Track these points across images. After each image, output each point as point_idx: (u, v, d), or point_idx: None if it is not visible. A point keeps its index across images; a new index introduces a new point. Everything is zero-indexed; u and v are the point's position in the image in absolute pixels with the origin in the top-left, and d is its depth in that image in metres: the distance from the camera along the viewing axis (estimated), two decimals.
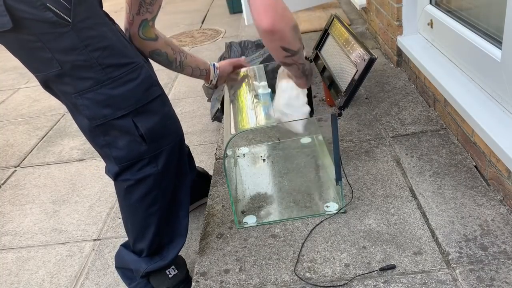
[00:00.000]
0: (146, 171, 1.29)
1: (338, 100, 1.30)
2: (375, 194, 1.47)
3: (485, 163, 1.45)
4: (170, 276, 1.44)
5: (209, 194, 1.62)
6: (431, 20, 1.93)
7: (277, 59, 1.26)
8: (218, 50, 3.78)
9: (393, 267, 1.19)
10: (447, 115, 1.71)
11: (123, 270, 1.50)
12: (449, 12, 1.82)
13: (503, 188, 1.35)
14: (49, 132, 2.84)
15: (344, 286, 1.17)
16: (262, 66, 1.63)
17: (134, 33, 1.32)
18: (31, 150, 2.65)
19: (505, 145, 1.27)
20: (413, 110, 1.89)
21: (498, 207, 1.33)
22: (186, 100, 2.98)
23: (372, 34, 2.73)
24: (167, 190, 1.36)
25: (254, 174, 1.66)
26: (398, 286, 1.14)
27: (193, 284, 1.26)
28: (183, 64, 1.46)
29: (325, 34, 1.61)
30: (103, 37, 1.13)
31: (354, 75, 1.26)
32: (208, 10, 5.11)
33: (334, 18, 1.57)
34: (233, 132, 1.27)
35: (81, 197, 2.16)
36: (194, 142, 2.44)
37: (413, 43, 2.05)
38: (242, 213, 1.47)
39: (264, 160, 1.74)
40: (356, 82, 1.24)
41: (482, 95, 1.52)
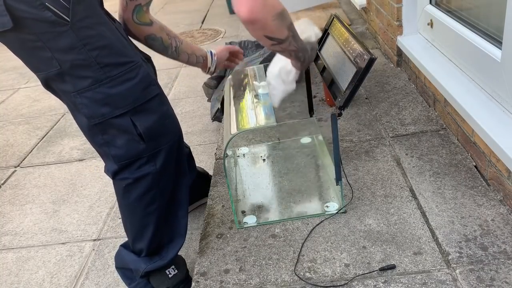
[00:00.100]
0: (144, 170, 1.29)
1: (338, 100, 1.30)
2: (375, 194, 1.47)
3: (485, 163, 1.45)
4: (170, 276, 1.44)
5: (209, 194, 1.62)
6: (431, 20, 1.93)
7: (265, 46, 1.25)
8: None
9: (393, 267, 1.19)
10: (447, 115, 1.71)
11: (123, 270, 1.50)
12: (449, 12, 1.82)
13: (503, 188, 1.35)
14: (49, 132, 2.84)
15: (344, 286, 1.17)
16: (262, 66, 1.63)
17: (128, 18, 1.32)
18: (31, 150, 2.65)
19: (505, 145, 1.27)
20: (413, 110, 1.89)
21: (498, 207, 1.33)
22: (186, 100, 2.98)
23: (372, 34, 2.73)
24: (166, 189, 1.36)
25: (254, 174, 1.66)
26: (398, 286, 1.14)
27: (193, 284, 1.26)
28: (179, 50, 1.45)
29: (325, 34, 1.61)
30: (102, 36, 1.14)
31: (354, 75, 1.26)
32: (208, 10, 5.11)
33: (334, 18, 1.57)
34: (233, 132, 1.27)
35: (81, 197, 2.16)
36: (194, 142, 2.44)
37: (413, 43, 2.05)
38: (242, 213, 1.47)
39: (264, 160, 1.74)
40: (356, 82, 1.24)
41: (482, 95, 1.52)
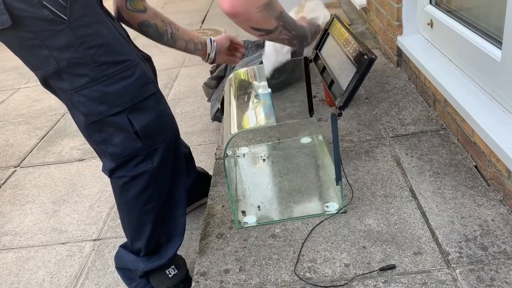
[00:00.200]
0: (141, 168, 1.29)
1: (338, 100, 1.30)
2: (375, 194, 1.47)
3: (485, 163, 1.45)
4: (170, 276, 1.44)
5: (209, 194, 1.62)
6: (431, 20, 1.93)
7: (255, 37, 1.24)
8: None
9: (393, 267, 1.19)
10: (447, 115, 1.71)
11: (123, 270, 1.51)
12: (449, 12, 1.82)
13: (503, 188, 1.35)
14: (49, 132, 2.84)
15: (344, 286, 1.17)
16: (262, 66, 1.63)
17: (121, 5, 1.32)
18: (31, 150, 2.65)
19: (505, 145, 1.27)
20: (413, 110, 1.89)
21: (498, 207, 1.33)
22: (186, 100, 2.98)
23: (372, 34, 2.73)
24: (163, 188, 1.36)
25: (254, 174, 1.66)
26: (398, 286, 1.14)
27: (193, 284, 1.26)
28: (175, 36, 1.41)
29: (325, 34, 1.61)
30: (99, 35, 1.14)
31: (354, 75, 1.26)
32: (208, 10, 5.11)
33: (334, 18, 1.57)
34: (233, 132, 1.27)
35: (81, 197, 2.16)
36: (194, 142, 2.44)
37: (413, 43, 2.05)
38: (242, 213, 1.47)
39: (264, 160, 1.74)
40: (356, 82, 1.24)
41: (482, 95, 1.52)
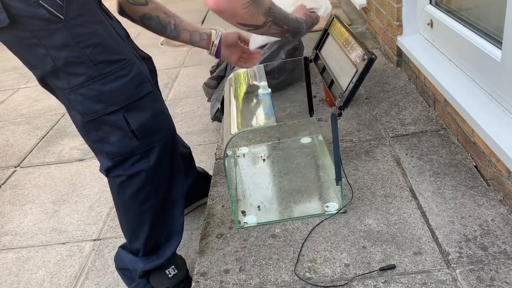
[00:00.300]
0: (138, 167, 1.29)
1: (338, 100, 1.30)
2: (375, 194, 1.47)
3: (485, 163, 1.45)
4: (170, 276, 1.44)
5: (209, 194, 1.62)
6: (431, 20, 1.93)
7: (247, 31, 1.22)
8: None
9: (393, 267, 1.19)
10: (447, 115, 1.71)
11: (123, 271, 1.51)
12: (449, 12, 1.82)
13: (503, 188, 1.35)
14: (49, 132, 2.84)
15: (344, 286, 1.17)
16: (262, 66, 1.63)
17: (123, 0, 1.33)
18: (31, 150, 2.65)
19: (505, 145, 1.27)
20: (413, 110, 1.89)
21: (498, 207, 1.33)
22: (186, 100, 2.98)
23: (372, 34, 2.73)
24: (160, 187, 1.36)
25: (254, 174, 1.66)
26: (398, 286, 1.14)
27: (193, 284, 1.26)
28: (179, 28, 1.39)
29: (325, 34, 1.61)
30: (95, 34, 1.15)
31: (354, 75, 1.26)
32: (208, 10, 5.11)
33: (334, 18, 1.57)
34: (233, 132, 1.27)
35: (81, 197, 2.16)
36: (194, 142, 2.44)
37: (413, 43, 2.05)
38: (242, 213, 1.47)
39: (264, 160, 1.74)
40: (356, 82, 1.24)
41: (482, 95, 1.52)
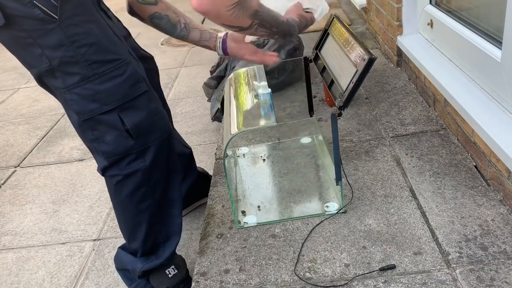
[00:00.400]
0: (134, 166, 1.29)
1: (338, 100, 1.30)
2: (375, 194, 1.47)
3: (485, 163, 1.45)
4: (169, 276, 1.44)
5: (209, 194, 1.62)
6: (431, 20, 1.93)
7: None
8: None
9: (393, 267, 1.19)
10: (447, 115, 1.71)
11: (123, 271, 1.51)
12: (449, 12, 1.82)
13: (503, 188, 1.35)
14: (49, 132, 2.84)
15: (344, 286, 1.17)
16: (262, 66, 1.63)
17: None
18: (31, 150, 2.65)
19: (505, 145, 1.27)
20: (413, 110, 1.89)
21: (498, 207, 1.33)
22: (186, 100, 2.98)
23: (372, 34, 2.73)
24: (157, 187, 1.36)
25: (254, 174, 1.66)
26: (398, 286, 1.14)
27: (193, 284, 1.26)
28: (189, 27, 1.40)
29: (325, 34, 1.61)
30: (89, 34, 1.15)
31: (354, 75, 1.26)
32: None
33: (334, 18, 1.57)
34: (233, 132, 1.27)
35: (81, 197, 2.16)
36: (194, 142, 2.44)
37: (413, 43, 2.05)
38: (242, 213, 1.47)
39: (264, 160, 1.74)
40: (356, 82, 1.24)
41: (482, 95, 1.52)
